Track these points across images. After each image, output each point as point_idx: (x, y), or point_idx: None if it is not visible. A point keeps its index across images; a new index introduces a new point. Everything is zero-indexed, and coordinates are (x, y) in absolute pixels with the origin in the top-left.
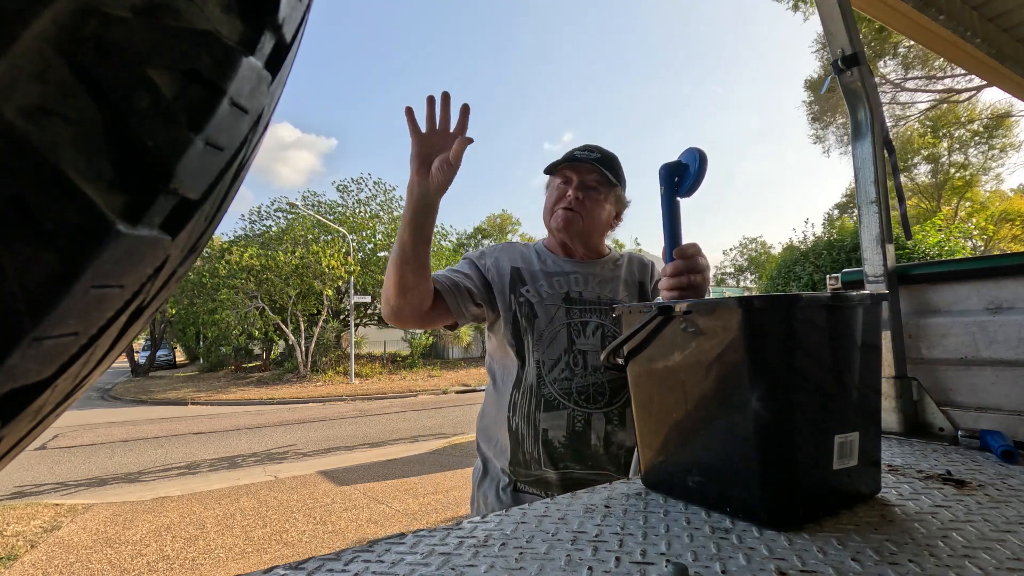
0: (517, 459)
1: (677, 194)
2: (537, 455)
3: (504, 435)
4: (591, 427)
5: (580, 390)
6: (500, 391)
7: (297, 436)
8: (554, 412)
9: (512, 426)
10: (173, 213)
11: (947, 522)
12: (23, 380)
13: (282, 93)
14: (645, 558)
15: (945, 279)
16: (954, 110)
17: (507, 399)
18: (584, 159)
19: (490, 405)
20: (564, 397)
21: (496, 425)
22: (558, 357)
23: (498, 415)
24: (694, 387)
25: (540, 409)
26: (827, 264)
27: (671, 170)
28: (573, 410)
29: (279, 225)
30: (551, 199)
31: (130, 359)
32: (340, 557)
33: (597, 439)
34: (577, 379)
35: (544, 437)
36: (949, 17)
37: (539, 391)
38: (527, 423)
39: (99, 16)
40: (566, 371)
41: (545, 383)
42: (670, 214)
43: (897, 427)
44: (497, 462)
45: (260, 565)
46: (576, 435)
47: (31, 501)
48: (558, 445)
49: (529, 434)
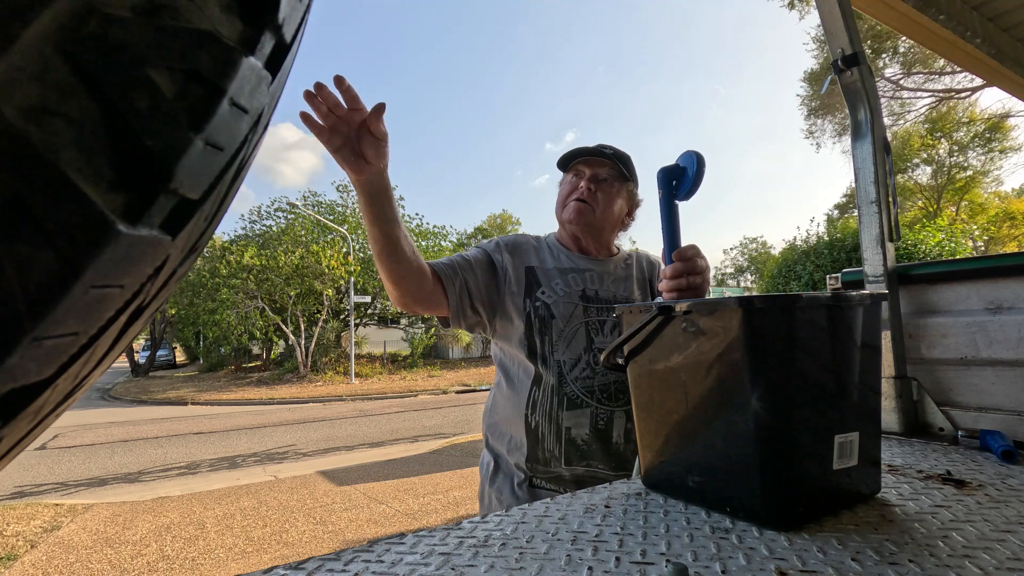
0: (536, 456)
1: (675, 197)
2: (558, 452)
3: (520, 431)
4: (613, 425)
5: (602, 388)
6: (516, 388)
7: (297, 436)
8: (577, 411)
9: (531, 423)
10: (173, 213)
11: (947, 522)
12: (23, 380)
13: (282, 93)
14: (645, 558)
15: (945, 279)
16: (954, 110)
17: (525, 396)
18: (597, 152)
19: (503, 401)
20: (587, 395)
21: (510, 421)
22: (578, 356)
23: (514, 412)
24: (694, 387)
25: (563, 407)
26: (827, 264)
27: (669, 173)
28: (596, 408)
29: (279, 225)
30: (563, 193)
31: (130, 359)
32: (340, 557)
33: (619, 436)
34: (599, 377)
35: (568, 435)
36: (949, 17)
37: (561, 390)
38: (549, 421)
39: (99, 16)
40: (587, 370)
41: (567, 382)
42: (668, 217)
43: (897, 427)
44: (511, 458)
45: (260, 565)
46: (599, 433)
47: (31, 501)
48: (581, 443)
49: (551, 431)
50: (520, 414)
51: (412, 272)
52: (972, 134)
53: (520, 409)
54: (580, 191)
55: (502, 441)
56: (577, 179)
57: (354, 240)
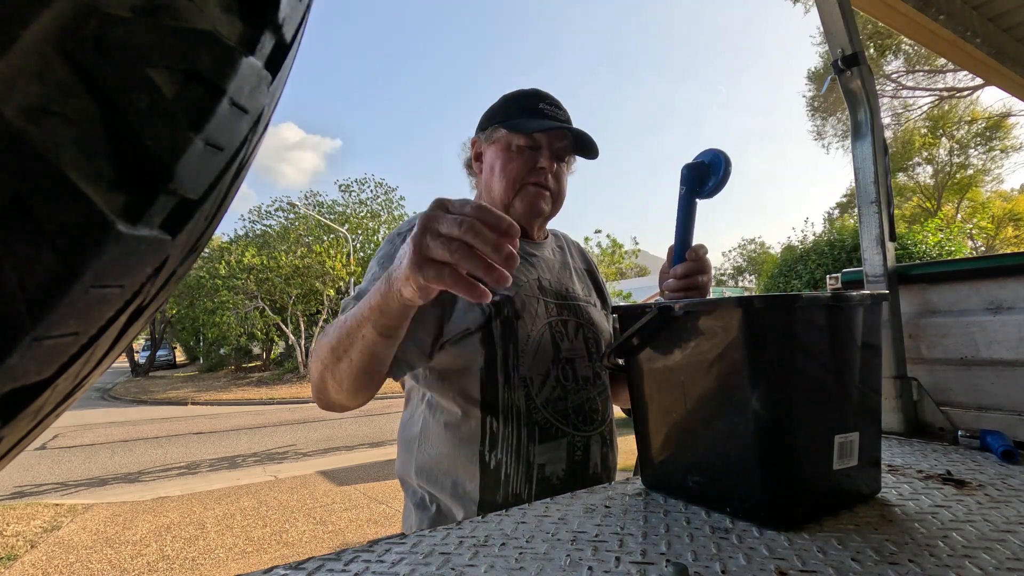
0: (493, 501)
1: (698, 195)
2: (527, 494)
3: (471, 474)
4: (590, 454)
5: (576, 410)
6: (460, 420)
7: (297, 436)
8: (552, 443)
9: (489, 463)
10: (173, 213)
11: (947, 522)
12: (23, 380)
13: (282, 93)
14: (645, 558)
15: (945, 279)
16: (955, 109)
17: (476, 429)
18: (555, 118)
19: (440, 434)
20: (561, 421)
21: (454, 461)
22: (546, 371)
23: (457, 450)
24: (694, 387)
25: (534, 441)
26: (827, 263)
27: (694, 170)
28: (572, 436)
29: (280, 225)
30: (515, 167)
31: (130, 359)
32: (340, 557)
33: (596, 464)
34: (571, 397)
35: (540, 474)
36: (949, 17)
37: (530, 417)
38: (516, 459)
39: (99, 16)
40: (558, 388)
41: (536, 406)
42: (686, 214)
43: (897, 427)
44: (454, 507)
45: (260, 565)
46: (576, 465)
47: (31, 501)
48: (556, 481)
49: (519, 472)
50: (472, 452)
51: (376, 387)
52: (973, 133)
53: (472, 446)
54: (540, 175)
55: (439, 486)
56: (535, 155)
57: (355, 240)
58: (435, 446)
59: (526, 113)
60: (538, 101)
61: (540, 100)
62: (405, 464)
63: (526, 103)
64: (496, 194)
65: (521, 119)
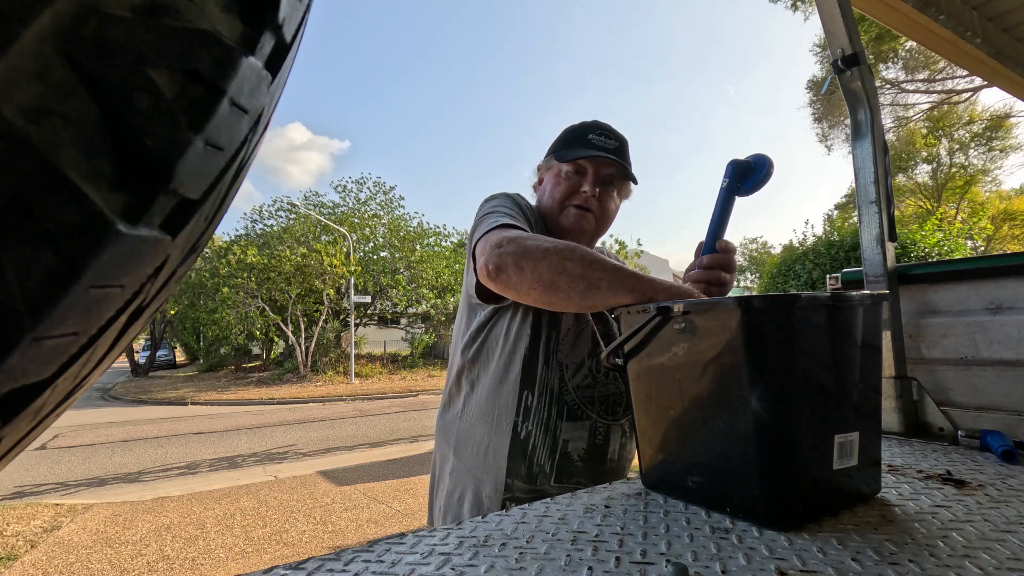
0: (518, 471)
1: (737, 191)
2: (549, 469)
3: (501, 441)
4: (610, 441)
5: (601, 399)
6: (499, 386)
7: (297, 436)
8: (577, 423)
9: (520, 432)
10: (173, 213)
11: (947, 522)
12: (23, 380)
13: (282, 93)
14: (645, 558)
15: (945, 279)
16: (955, 109)
17: (514, 399)
18: (603, 148)
19: (476, 403)
20: (587, 406)
21: (484, 426)
22: (581, 361)
23: (494, 416)
24: (694, 387)
25: (563, 418)
26: (825, 264)
27: (740, 167)
28: (596, 421)
29: (280, 224)
30: (560, 191)
31: (130, 359)
32: (340, 557)
33: (614, 453)
34: (599, 387)
35: (564, 449)
36: (949, 17)
37: (561, 397)
38: (545, 432)
39: (99, 16)
40: (589, 378)
41: (568, 389)
42: (724, 207)
43: (897, 427)
44: (480, 473)
45: (260, 565)
46: (596, 448)
47: (31, 501)
48: (576, 459)
49: (545, 444)
50: (507, 420)
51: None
52: (973, 133)
53: (507, 414)
54: (583, 197)
55: (473, 451)
56: (579, 179)
57: (355, 239)
58: (471, 415)
59: (576, 144)
60: (588, 132)
61: (591, 131)
62: (440, 431)
63: (576, 134)
64: (546, 214)
65: (569, 149)
